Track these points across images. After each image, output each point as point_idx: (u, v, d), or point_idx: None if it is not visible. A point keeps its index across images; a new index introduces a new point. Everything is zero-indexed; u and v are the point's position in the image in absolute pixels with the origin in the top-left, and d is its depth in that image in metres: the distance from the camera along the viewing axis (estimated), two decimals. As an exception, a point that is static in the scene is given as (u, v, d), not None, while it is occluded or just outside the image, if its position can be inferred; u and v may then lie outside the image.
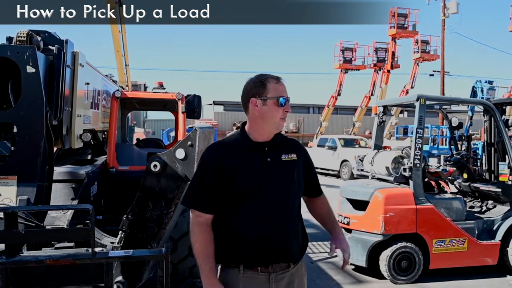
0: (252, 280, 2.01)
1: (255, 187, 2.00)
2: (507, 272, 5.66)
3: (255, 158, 2.05)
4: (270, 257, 2.02)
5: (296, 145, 2.22)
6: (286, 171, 2.09)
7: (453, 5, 23.64)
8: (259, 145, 2.07)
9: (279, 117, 2.06)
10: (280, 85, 2.08)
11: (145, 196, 3.00)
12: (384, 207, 5.27)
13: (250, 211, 2.00)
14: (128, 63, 8.97)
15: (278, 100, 2.03)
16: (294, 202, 2.12)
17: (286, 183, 2.07)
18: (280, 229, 2.03)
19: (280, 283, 2.05)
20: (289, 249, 2.06)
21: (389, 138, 24.35)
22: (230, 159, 2.02)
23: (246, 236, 2.00)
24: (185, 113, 5.18)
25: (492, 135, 6.58)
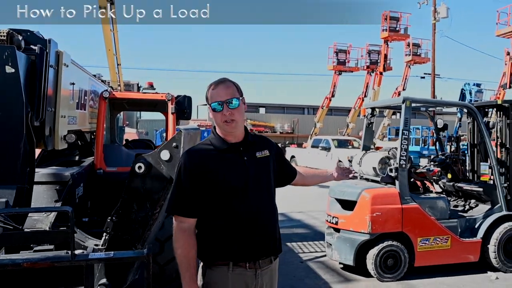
0: (241, 276, 2.07)
1: (238, 186, 2.08)
2: (488, 269, 5.79)
3: (232, 159, 2.12)
4: (258, 252, 2.10)
5: (266, 141, 2.31)
6: (263, 167, 2.19)
7: (443, 10, 23.89)
8: (234, 146, 2.14)
9: (221, 121, 2.10)
10: (217, 90, 2.11)
11: (130, 197, 3.01)
12: (371, 207, 5.37)
13: (237, 209, 2.07)
14: (120, 62, 8.85)
15: (211, 106, 2.11)
16: (274, 197, 2.24)
17: (265, 179, 2.19)
18: (265, 224, 2.13)
19: (265, 277, 2.14)
20: (272, 244, 2.16)
21: (382, 139, 24.50)
22: (209, 162, 2.08)
23: (234, 234, 2.06)
24: (175, 114, 5.18)
25: (475, 137, 6.72)
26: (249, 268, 2.08)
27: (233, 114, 2.07)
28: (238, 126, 2.12)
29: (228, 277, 2.06)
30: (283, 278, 5.32)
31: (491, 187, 6.03)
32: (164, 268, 4.02)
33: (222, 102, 2.07)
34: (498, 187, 5.91)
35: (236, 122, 2.09)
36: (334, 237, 5.75)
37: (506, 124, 6.19)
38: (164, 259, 3.99)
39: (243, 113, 2.16)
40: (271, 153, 2.25)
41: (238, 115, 2.10)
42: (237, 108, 2.09)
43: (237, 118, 2.10)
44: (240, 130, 2.16)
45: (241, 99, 2.14)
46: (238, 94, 2.14)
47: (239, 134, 2.16)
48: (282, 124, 35.55)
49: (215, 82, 2.14)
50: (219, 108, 2.07)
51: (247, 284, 2.09)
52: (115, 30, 8.10)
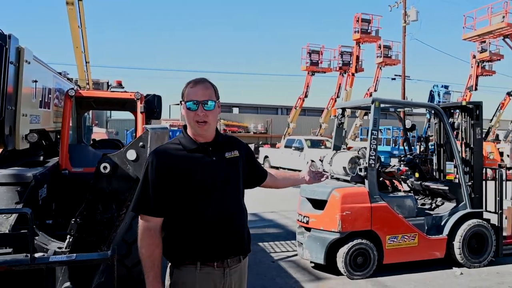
0: (209, 275, 2.06)
1: (206, 186, 2.06)
2: (453, 264, 5.95)
3: (201, 159, 2.10)
4: (225, 252, 2.09)
5: (236, 141, 2.30)
6: (232, 168, 2.17)
7: (413, 13, 24.45)
8: (203, 145, 2.12)
9: (193, 120, 2.08)
10: (195, 89, 2.09)
11: (95, 198, 2.96)
12: (341, 206, 5.43)
13: (203, 209, 2.05)
14: (88, 60, 8.62)
15: (186, 104, 2.09)
16: (242, 197, 2.23)
17: (234, 179, 2.17)
18: (233, 224, 2.12)
19: (233, 276, 2.13)
20: (241, 243, 2.16)
21: (354, 139, 24.82)
22: (176, 161, 2.05)
23: (201, 234, 2.04)
24: (144, 113, 5.10)
25: (441, 137, 6.90)
26: (217, 267, 2.07)
27: (206, 116, 2.06)
28: (210, 128, 2.11)
29: (195, 276, 2.05)
30: (254, 278, 5.33)
31: (456, 185, 6.20)
32: (131, 271, 3.94)
33: (198, 102, 2.06)
34: (463, 185, 6.08)
35: (208, 124, 2.08)
36: (305, 236, 5.80)
37: (470, 125, 6.37)
38: (131, 261, 3.91)
39: (216, 117, 2.16)
40: (240, 153, 2.24)
41: (212, 117, 2.09)
42: (212, 111, 2.08)
43: (210, 120, 2.09)
44: (211, 131, 2.15)
45: (217, 102, 2.12)
46: (215, 97, 2.12)
47: (209, 134, 2.15)
48: (256, 124, 35.63)
49: (194, 81, 2.12)
50: (194, 108, 2.06)
51: (215, 284, 2.08)
52: (83, 26, 7.88)
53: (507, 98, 23.98)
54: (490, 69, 24.90)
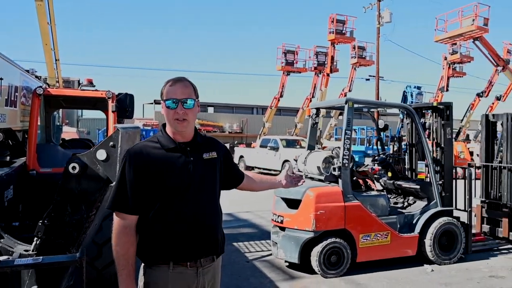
0: (181, 275, 2.06)
1: (182, 186, 2.05)
2: (424, 262, 6.07)
3: (178, 158, 2.09)
4: (198, 251, 2.09)
5: (214, 143, 2.30)
6: (209, 169, 2.17)
7: (387, 15, 24.86)
8: (181, 145, 2.11)
9: (173, 118, 2.08)
10: (174, 87, 2.10)
11: (64, 199, 2.90)
12: (315, 205, 5.46)
13: (178, 209, 2.05)
14: (58, 57, 8.40)
15: (165, 103, 2.09)
16: (218, 198, 2.24)
17: (210, 180, 2.17)
18: (207, 225, 2.12)
19: (206, 276, 2.13)
20: (215, 243, 2.16)
21: (329, 139, 25.05)
22: (153, 160, 2.04)
23: (175, 233, 2.03)
24: (116, 112, 5.01)
25: (413, 137, 7.02)
26: (190, 267, 2.07)
27: (186, 114, 2.07)
28: (189, 126, 2.12)
29: (168, 276, 2.04)
30: (229, 278, 5.31)
31: (428, 184, 6.32)
32: (102, 273, 3.84)
33: (177, 100, 2.06)
34: (434, 184, 6.20)
35: (188, 122, 2.09)
36: (280, 236, 5.80)
37: (441, 125, 6.51)
38: (102, 263, 3.81)
39: (196, 115, 2.16)
40: (218, 154, 2.24)
41: (191, 115, 2.10)
42: (191, 109, 2.09)
43: (190, 118, 2.09)
44: (190, 130, 2.15)
45: (196, 101, 2.14)
46: (194, 96, 2.14)
47: (188, 134, 2.15)
48: (231, 123, 35.58)
49: (174, 79, 2.13)
50: (173, 106, 2.06)
51: (188, 284, 2.08)
52: (52, 23, 7.68)
53: (477, 99, 24.61)
54: (461, 71, 25.49)
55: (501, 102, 25.28)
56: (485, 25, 20.27)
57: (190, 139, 2.15)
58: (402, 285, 5.27)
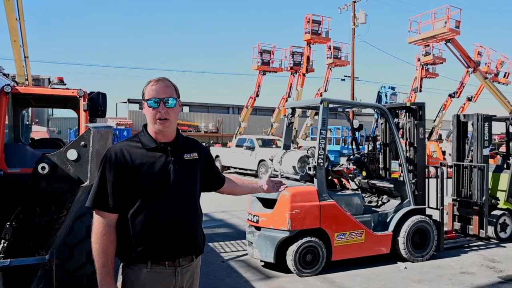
0: (159, 274, 2.07)
1: (160, 186, 2.06)
2: (398, 259, 6.16)
3: (158, 158, 2.10)
4: (177, 251, 2.09)
5: (196, 144, 2.31)
6: (189, 169, 2.18)
7: (362, 16, 25.20)
8: (162, 145, 2.12)
9: (155, 118, 2.09)
10: (157, 87, 2.11)
11: (33, 200, 2.80)
12: (291, 205, 5.47)
13: (157, 208, 2.05)
14: (27, 54, 8.13)
15: (147, 102, 2.10)
16: (198, 198, 2.25)
17: (190, 181, 2.17)
18: (186, 225, 2.12)
19: (185, 276, 2.14)
20: (194, 243, 2.16)
21: (305, 138, 25.22)
22: (134, 159, 2.06)
23: (154, 233, 2.04)
24: (88, 111, 4.89)
25: (387, 136, 7.12)
26: (168, 267, 2.08)
27: (168, 113, 2.08)
28: (171, 126, 2.13)
29: (146, 276, 2.05)
30: (204, 279, 5.27)
31: (401, 183, 6.42)
32: (73, 275, 3.77)
33: (159, 99, 2.08)
34: (407, 183, 6.30)
35: (169, 121, 2.10)
36: (255, 236, 5.79)
37: (414, 125, 6.62)
38: (73, 266, 3.75)
39: (177, 115, 2.18)
40: (200, 156, 2.25)
41: (173, 115, 2.12)
42: (173, 108, 2.11)
43: (171, 117, 2.11)
44: (172, 130, 2.16)
45: (178, 101, 2.15)
46: (176, 95, 2.15)
47: (170, 134, 2.16)
48: (207, 123, 35.43)
49: (156, 79, 2.14)
50: (155, 105, 2.08)
51: (166, 283, 2.09)
52: (21, 19, 7.46)
53: (449, 99, 25.20)
54: (434, 72, 26.03)
55: (472, 102, 26.01)
56: (457, 27, 20.74)
57: (171, 139, 2.16)
58: (376, 283, 5.34)
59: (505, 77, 26.07)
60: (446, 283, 5.34)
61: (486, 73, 24.00)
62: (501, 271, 5.85)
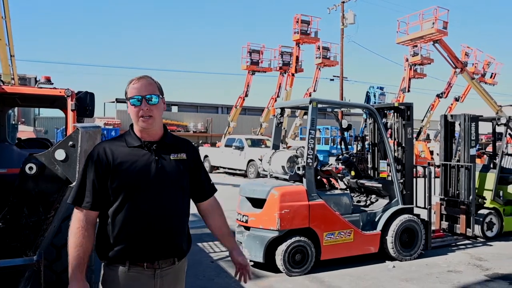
0: (138, 276, 2.03)
1: (142, 184, 2.03)
2: (386, 258, 6.21)
3: (142, 156, 2.07)
4: (156, 253, 2.05)
5: (187, 145, 2.26)
6: (175, 169, 2.12)
7: (351, 16, 25.28)
8: (147, 144, 2.10)
9: (137, 116, 2.07)
10: (138, 85, 2.09)
11: (20, 201, 2.78)
12: (280, 204, 5.48)
13: (136, 207, 2.02)
14: (13, 53, 8.03)
15: (130, 101, 2.09)
16: (182, 200, 2.16)
17: (174, 181, 2.12)
18: (166, 226, 2.07)
19: (165, 278, 2.09)
20: (175, 245, 2.11)
21: (294, 138, 25.26)
22: (116, 157, 2.04)
23: (132, 233, 2.01)
24: (76, 111, 4.85)
25: (376, 136, 7.17)
26: (147, 268, 2.05)
27: (151, 111, 2.06)
28: (155, 123, 2.09)
29: (124, 276, 2.03)
30: (193, 279, 5.26)
31: (389, 183, 6.47)
32: (61, 276, 3.73)
33: (141, 97, 2.06)
34: (395, 183, 6.35)
35: (153, 119, 2.07)
36: (244, 235, 5.80)
37: (402, 125, 6.67)
38: (61, 266, 3.70)
39: (161, 112, 2.14)
40: (188, 157, 2.20)
41: (157, 112, 2.09)
42: (156, 105, 2.08)
43: (155, 115, 2.08)
44: (157, 128, 2.13)
45: (161, 98, 2.12)
46: (159, 92, 2.12)
47: (155, 132, 2.13)
48: (196, 123, 35.32)
49: (137, 78, 2.12)
50: (138, 103, 2.06)
51: (144, 285, 2.05)
52: (7, 17, 7.35)
53: (437, 99, 25.45)
54: (422, 72, 26.22)
55: (459, 102, 26.31)
56: (445, 28, 20.96)
57: (157, 138, 2.14)
58: (365, 282, 5.37)
59: (491, 77, 26.41)
60: (433, 282, 5.39)
61: (473, 74, 24.28)
62: (488, 269, 5.92)
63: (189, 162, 2.19)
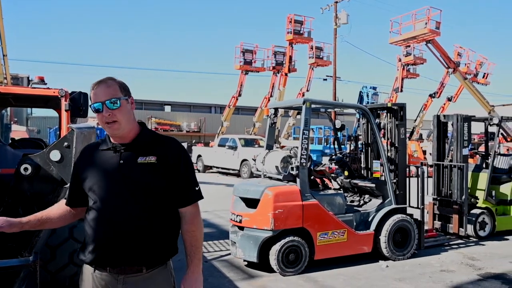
0: (102, 278, 2.02)
1: (104, 188, 2.00)
2: (379, 258, 6.25)
3: (108, 159, 2.03)
4: (117, 258, 1.99)
5: (165, 147, 2.08)
6: (139, 174, 2.01)
7: (344, 16, 25.36)
8: (117, 146, 2.04)
9: (103, 122, 2.01)
10: (97, 90, 2.02)
11: (15, 201, 2.78)
12: (274, 204, 5.50)
13: (98, 211, 2.00)
14: (6, 53, 7.99)
15: (91, 108, 2.03)
16: (146, 205, 2.02)
17: (137, 186, 2.00)
18: (125, 232, 1.98)
19: (129, 286, 2.01)
20: (137, 252, 2.00)
21: (287, 138, 25.30)
22: (87, 159, 2.09)
23: (95, 236, 2.00)
24: (70, 111, 4.83)
25: (369, 136, 7.21)
26: (110, 272, 2.00)
27: (114, 115, 1.97)
28: (121, 127, 2.01)
29: (91, 277, 2.04)
30: (187, 279, 5.25)
31: (382, 183, 6.50)
32: (55, 276, 3.73)
33: (101, 103, 1.98)
34: (388, 182, 6.39)
35: (118, 123, 1.99)
36: (238, 235, 5.81)
37: (395, 125, 6.71)
38: (55, 266, 3.71)
39: (126, 114, 2.02)
40: (159, 162, 2.01)
41: (120, 115, 1.99)
42: (118, 109, 1.98)
43: (119, 119, 1.99)
44: (126, 131, 2.04)
45: (124, 99, 2.02)
46: (121, 93, 2.02)
47: (125, 135, 2.04)
48: (189, 122, 35.29)
49: (96, 82, 2.04)
50: (100, 110, 1.98)
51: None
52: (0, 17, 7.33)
53: (430, 99, 25.61)
54: (414, 72, 26.37)
55: (452, 102, 26.50)
56: (437, 28, 21.09)
57: (129, 140, 2.05)
58: (359, 281, 5.40)
59: (484, 77, 26.62)
60: (427, 281, 5.44)
61: (465, 74, 24.46)
62: (480, 268, 5.98)
63: (159, 166, 2.01)
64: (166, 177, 2.03)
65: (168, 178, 2.04)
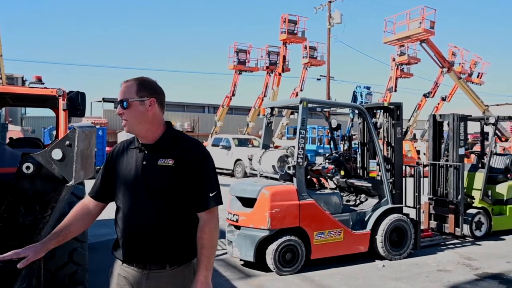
0: (128, 272, 2.09)
1: (125, 186, 2.09)
2: (376, 257, 6.28)
3: (135, 159, 2.10)
4: (140, 256, 2.06)
5: (185, 151, 2.09)
6: (158, 176, 2.05)
7: (338, 16, 25.45)
8: (142, 146, 2.11)
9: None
10: (120, 89, 2.11)
11: (16, 200, 2.76)
12: (270, 204, 5.51)
13: (123, 209, 2.09)
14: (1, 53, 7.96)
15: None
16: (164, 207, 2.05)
17: (156, 188, 2.04)
18: (144, 232, 2.04)
19: (153, 281, 2.06)
20: (157, 251, 2.05)
21: (281, 138, 25.33)
22: (118, 155, 2.16)
23: (119, 234, 2.11)
24: (67, 110, 4.82)
25: (365, 136, 7.23)
26: (136, 267, 2.08)
27: (123, 115, 2.06)
28: (131, 126, 2.06)
29: (118, 270, 2.13)
30: (184, 278, 5.25)
31: (379, 182, 6.53)
32: (55, 275, 3.74)
33: (119, 101, 2.08)
34: (385, 182, 6.42)
35: (127, 122, 2.06)
36: (235, 235, 5.81)
37: (391, 125, 6.74)
38: (55, 265, 3.72)
39: (137, 115, 2.04)
40: (176, 165, 2.04)
41: (129, 115, 2.04)
42: (127, 109, 2.04)
43: (128, 118, 2.05)
44: (141, 132, 2.08)
45: (135, 100, 2.03)
46: (135, 94, 2.04)
47: (145, 135, 2.09)
48: (182, 122, 35.16)
49: (124, 81, 2.14)
50: (118, 107, 2.10)
51: (131, 283, 2.09)
52: (-5, 17, 7.27)
53: (424, 99, 25.68)
54: (408, 72, 26.43)
55: (446, 102, 26.60)
56: (432, 28, 21.19)
57: (152, 141, 2.09)
58: (355, 281, 5.43)
59: (478, 77, 26.72)
60: (423, 281, 5.47)
61: (460, 73, 24.57)
62: (477, 268, 6.02)
63: (176, 169, 2.04)
64: (182, 180, 2.05)
65: (183, 182, 2.05)
